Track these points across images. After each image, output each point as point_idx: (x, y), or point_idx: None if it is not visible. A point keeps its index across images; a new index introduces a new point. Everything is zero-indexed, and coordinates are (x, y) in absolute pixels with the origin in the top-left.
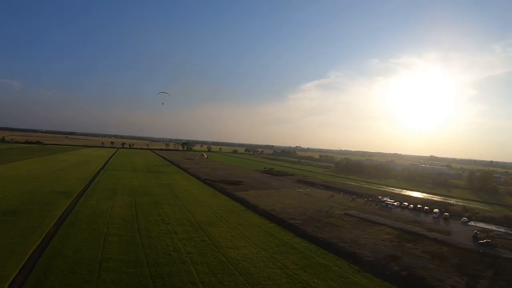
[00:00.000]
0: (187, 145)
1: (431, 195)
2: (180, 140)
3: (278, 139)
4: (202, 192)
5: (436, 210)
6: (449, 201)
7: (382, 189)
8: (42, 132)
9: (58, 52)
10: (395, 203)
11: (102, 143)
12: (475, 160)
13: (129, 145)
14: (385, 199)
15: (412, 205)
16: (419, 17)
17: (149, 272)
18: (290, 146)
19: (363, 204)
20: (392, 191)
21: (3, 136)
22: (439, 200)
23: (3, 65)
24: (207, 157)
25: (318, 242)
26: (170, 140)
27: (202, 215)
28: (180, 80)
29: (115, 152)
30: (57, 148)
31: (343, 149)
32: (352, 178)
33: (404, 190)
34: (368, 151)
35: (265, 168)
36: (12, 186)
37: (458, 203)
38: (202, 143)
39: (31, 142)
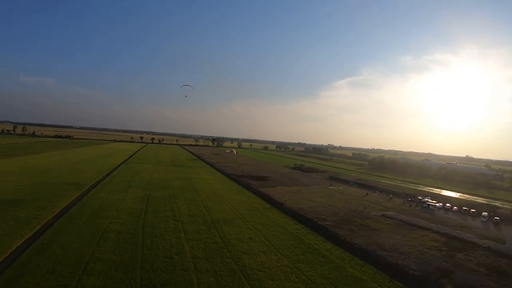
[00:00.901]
0: (217, 141)
1: (473, 197)
2: (211, 137)
3: (309, 137)
4: (225, 187)
5: (484, 213)
6: (494, 204)
7: (419, 188)
8: (76, 128)
9: (90, 52)
10: (438, 204)
11: (132, 138)
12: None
13: (158, 140)
14: (426, 199)
15: (456, 207)
16: (453, 12)
17: (140, 280)
18: (322, 144)
19: (402, 204)
20: (431, 191)
21: (34, 131)
22: (483, 202)
23: (40, 63)
24: (236, 153)
25: (352, 249)
26: (201, 137)
27: (219, 212)
28: (209, 77)
29: (143, 147)
30: (84, 142)
31: (375, 148)
32: (387, 176)
33: (443, 190)
34: (401, 150)
35: (295, 164)
36: (25, 176)
37: (504, 206)
38: (232, 140)
39: (60, 137)
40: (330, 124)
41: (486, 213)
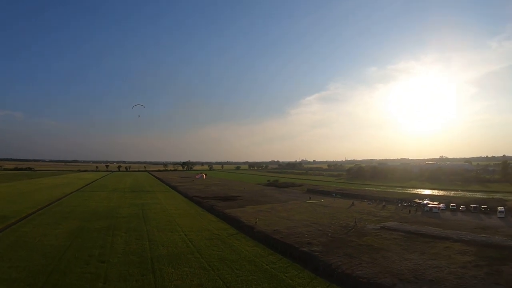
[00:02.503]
0: (187, 165)
1: (470, 192)
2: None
3: (283, 154)
4: (183, 212)
5: (500, 207)
6: (496, 197)
7: (409, 191)
8: (45, 161)
9: (62, 81)
10: (441, 206)
11: (97, 167)
12: (487, 156)
13: (125, 168)
14: (425, 201)
15: (463, 206)
16: (413, 21)
17: None
18: (296, 161)
19: (399, 211)
20: (421, 192)
21: None
22: (485, 196)
23: (6, 96)
24: (206, 175)
25: (358, 286)
26: (176, 163)
27: (166, 246)
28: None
29: (106, 175)
30: (42, 174)
31: (349, 159)
32: (369, 183)
33: (435, 191)
34: (375, 158)
35: (268, 180)
36: None
37: (508, 198)
38: (205, 163)
39: (20, 169)
40: (302, 141)
41: (502, 208)
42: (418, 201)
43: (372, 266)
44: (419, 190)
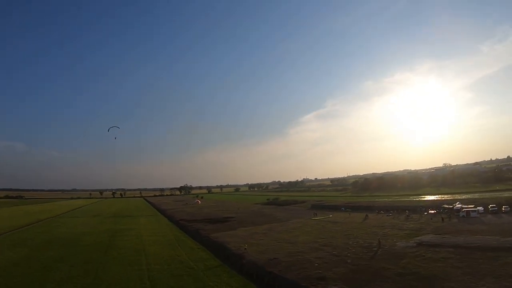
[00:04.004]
0: (184, 189)
1: (497, 192)
2: (181, 186)
3: (284, 174)
4: (159, 239)
5: None
6: None
7: (427, 199)
8: (44, 191)
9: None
10: (479, 209)
11: (90, 194)
12: (491, 159)
13: (120, 194)
14: (458, 206)
15: (506, 206)
16: (406, 33)
17: None
18: (297, 180)
19: (428, 220)
20: (442, 198)
21: None
22: None
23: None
24: (202, 197)
25: None
26: (173, 188)
27: (114, 285)
28: (177, 127)
29: (97, 202)
30: (31, 201)
31: (351, 175)
32: (378, 194)
33: (457, 195)
34: (377, 172)
35: (268, 199)
36: None
37: None
38: (204, 187)
39: (11, 197)
40: (303, 159)
41: None
42: (447, 206)
43: None
44: (437, 196)
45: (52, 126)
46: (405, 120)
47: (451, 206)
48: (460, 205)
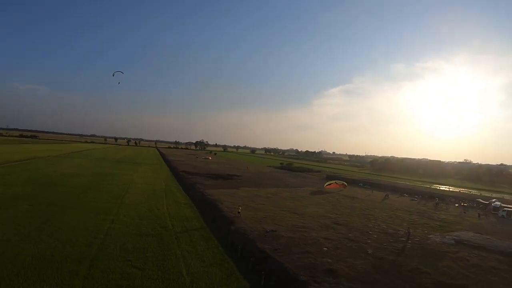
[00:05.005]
0: (200, 145)
1: None
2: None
3: (302, 144)
4: (147, 188)
5: None
6: None
7: (454, 190)
8: (62, 134)
9: (86, 58)
10: None
11: (105, 139)
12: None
13: (135, 142)
14: (496, 203)
15: None
16: (445, 19)
17: None
18: (315, 151)
19: (461, 214)
20: (470, 192)
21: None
22: None
23: (30, 70)
24: (216, 154)
25: None
26: (189, 143)
27: (65, 236)
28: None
29: (109, 147)
30: (43, 141)
31: (369, 154)
32: (398, 176)
33: (484, 192)
34: (395, 155)
35: (281, 163)
36: None
37: None
38: (221, 146)
39: (25, 136)
40: (322, 132)
41: None
42: (481, 201)
43: None
44: (464, 189)
45: (82, 75)
46: (432, 109)
47: (487, 202)
48: (498, 203)
